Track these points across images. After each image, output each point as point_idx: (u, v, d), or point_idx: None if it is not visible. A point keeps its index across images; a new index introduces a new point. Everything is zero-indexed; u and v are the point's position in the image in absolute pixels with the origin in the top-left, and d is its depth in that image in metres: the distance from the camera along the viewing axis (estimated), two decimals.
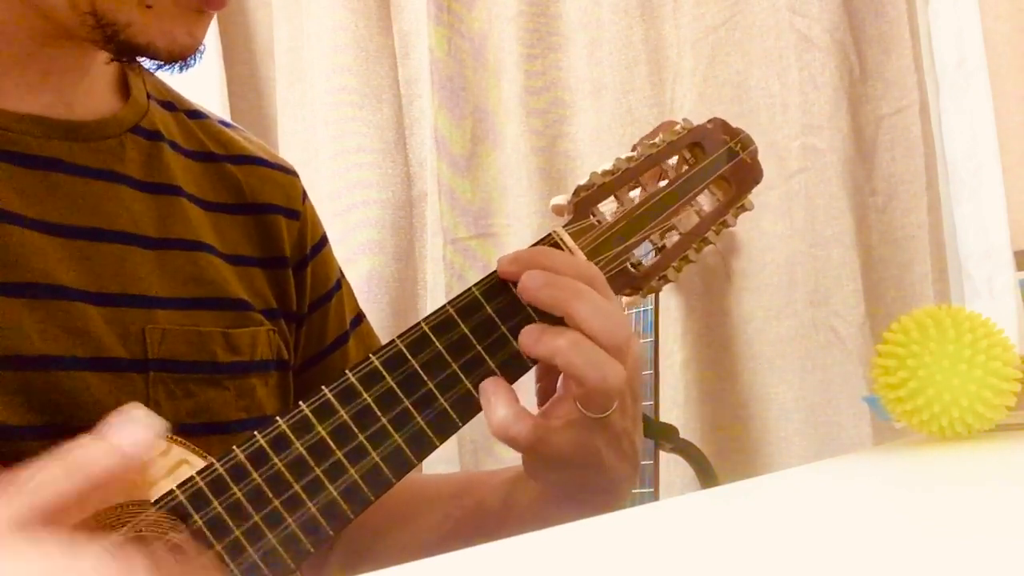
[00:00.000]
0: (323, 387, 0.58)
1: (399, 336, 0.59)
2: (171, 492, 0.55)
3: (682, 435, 1.37)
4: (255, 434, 0.56)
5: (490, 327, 0.60)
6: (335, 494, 0.57)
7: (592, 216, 0.65)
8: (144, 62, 0.63)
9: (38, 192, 0.61)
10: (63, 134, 0.63)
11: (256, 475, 0.56)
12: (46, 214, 0.61)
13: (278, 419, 0.57)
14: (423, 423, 0.58)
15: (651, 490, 1.33)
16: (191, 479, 0.55)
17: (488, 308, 0.61)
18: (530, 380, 0.64)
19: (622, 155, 0.68)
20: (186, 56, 0.62)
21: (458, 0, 1.62)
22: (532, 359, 0.60)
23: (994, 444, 0.66)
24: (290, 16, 1.72)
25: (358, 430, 0.57)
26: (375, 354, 0.59)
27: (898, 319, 0.69)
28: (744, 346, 1.47)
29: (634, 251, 0.66)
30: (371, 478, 0.57)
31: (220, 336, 0.66)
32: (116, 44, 0.60)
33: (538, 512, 0.66)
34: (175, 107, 0.73)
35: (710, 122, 0.71)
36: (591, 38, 1.55)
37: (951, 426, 0.66)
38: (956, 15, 1.35)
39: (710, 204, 0.70)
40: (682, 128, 0.70)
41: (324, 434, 0.57)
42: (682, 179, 0.68)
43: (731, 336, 1.48)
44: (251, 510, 0.55)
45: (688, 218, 0.69)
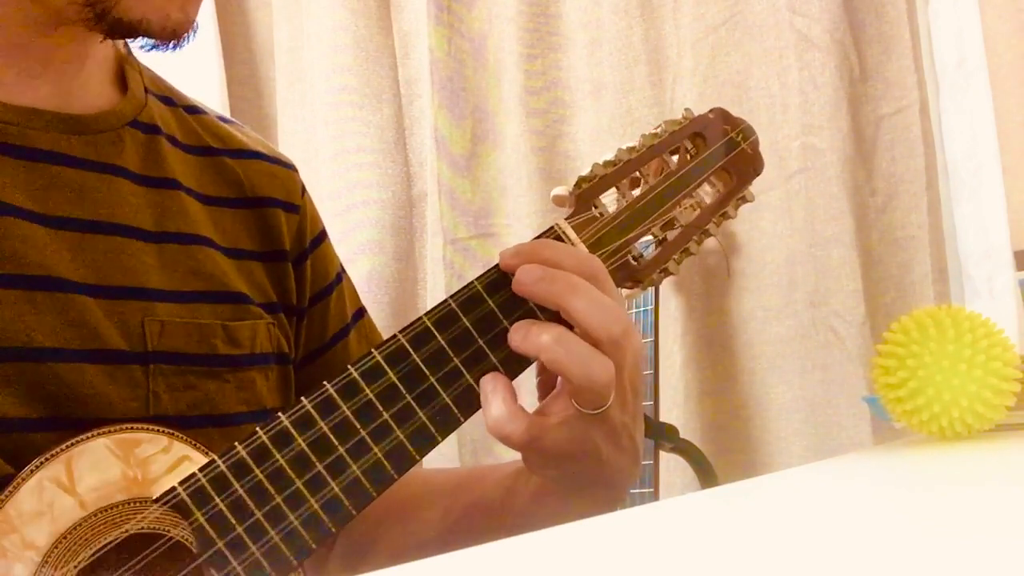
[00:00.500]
0: (325, 383, 0.58)
1: (401, 331, 0.59)
2: (173, 489, 0.55)
3: (682, 435, 1.37)
4: (257, 430, 0.56)
5: (492, 321, 0.60)
6: (337, 490, 0.57)
7: (594, 208, 0.65)
8: (137, 42, 0.63)
9: (37, 185, 0.61)
10: (62, 127, 0.63)
11: (258, 471, 0.56)
12: (45, 207, 0.61)
13: (280, 415, 0.57)
14: (425, 418, 0.58)
15: (651, 490, 1.33)
16: (193, 476, 0.55)
17: (490, 302, 0.60)
18: (531, 375, 0.64)
19: (624, 146, 0.67)
20: (180, 33, 0.62)
21: (458, 0, 1.62)
22: (521, 355, 0.60)
23: (994, 444, 0.66)
24: (290, 16, 1.72)
25: (360, 426, 0.57)
26: (377, 349, 0.59)
27: (898, 319, 0.69)
28: (744, 346, 1.47)
29: (635, 244, 0.66)
30: (373, 474, 0.57)
31: (220, 329, 0.66)
32: (108, 22, 0.60)
33: (538, 507, 0.66)
34: (173, 102, 0.73)
35: (712, 112, 0.70)
36: (591, 38, 1.54)
37: (951, 426, 0.66)
38: (956, 15, 1.35)
39: (710, 196, 0.69)
40: (684, 118, 0.69)
41: (326, 430, 0.57)
42: (684, 170, 0.68)
43: (731, 336, 1.48)
44: (253, 507, 0.55)
45: (689, 210, 0.68)
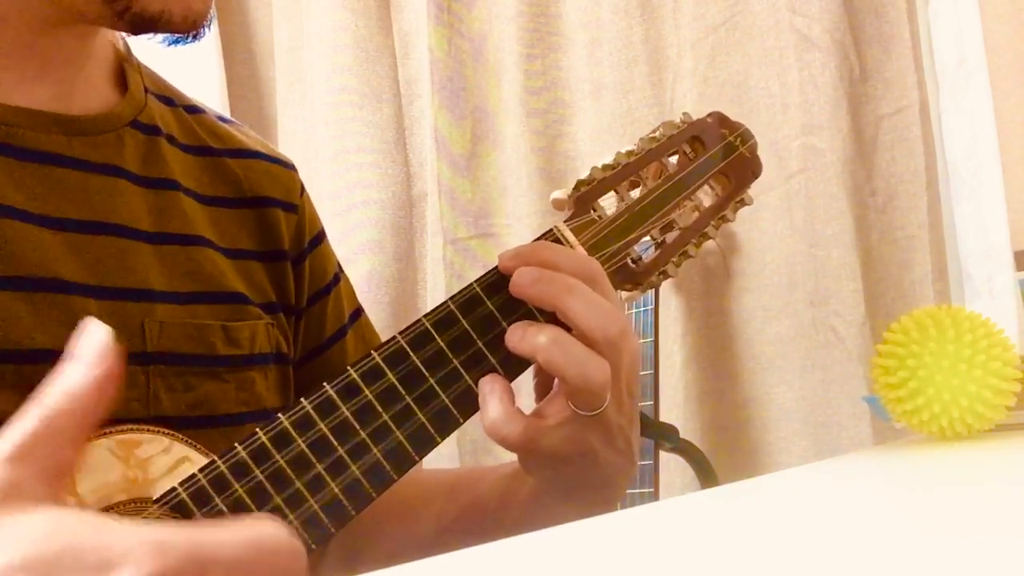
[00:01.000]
0: (324, 384, 0.58)
1: (400, 332, 0.59)
2: (173, 489, 0.55)
3: (682, 435, 1.37)
4: (257, 431, 0.56)
5: (491, 323, 0.60)
6: (337, 491, 0.57)
7: (593, 211, 0.65)
8: (157, 37, 0.63)
9: (37, 186, 0.61)
10: (62, 128, 0.63)
11: (258, 472, 0.56)
12: (45, 208, 0.60)
13: (280, 416, 0.57)
14: (424, 420, 0.58)
15: (651, 490, 1.33)
16: (193, 476, 0.55)
17: (489, 304, 0.61)
18: (530, 377, 0.64)
19: (623, 149, 0.68)
20: (200, 23, 0.62)
21: (458, 0, 1.62)
22: (519, 356, 0.60)
23: (994, 444, 0.66)
24: (290, 16, 1.72)
25: (359, 427, 0.57)
26: (376, 350, 0.59)
27: (898, 319, 0.69)
28: (744, 346, 1.47)
29: (634, 246, 0.66)
30: (373, 475, 0.57)
31: (219, 329, 0.66)
32: (130, 17, 0.59)
33: (535, 507, 0.66)
34: (173, 102, 0.73)
35: (710, 116, 0.70)
36: (591, 38, 1.54)
37: (951, 426, 0.66)
38: (956, 15, 1.35)
39: (709, 199, 0.70)
40: (682, 122, 0.70)
41: (326, 431, 0.57)
42: (682, 173, 0.68)
43: (731, 336, 1.48)
44: (253, 507, 0.55)
45: (687, 213, 0.69)
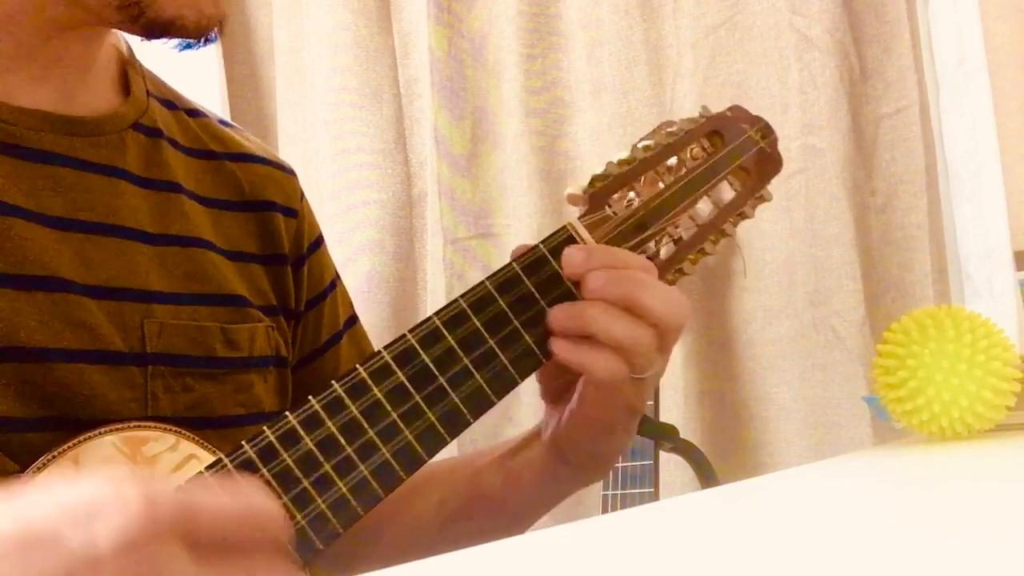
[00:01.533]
0: (333, 382, 0.58)
1: (410, 330, 0.59)
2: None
3: (682, 435, 1.37)
4: (264, 429, 0.56)
5: (503, 321, 0.61)
6: (344, 490, 0.57)
7: (608, 207, 0.64)
8: (171, 42, 0.63)
9: (39, 186, 0.61)
10: (65, 129, 0.63)
11: (265, 470, 0.56)
12: (47, 208, 0.61)
13: (287, 414, 0.57)
14: (433, 419, 0.59)
15: (651, 490, 1.33)
16: (200, 474, 0.55)
17: (501, 302, 0.61)
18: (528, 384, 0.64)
19: (640, 144, 0.66)
20: (212, 28, 0.62)
21: (458, 0, 1.62)
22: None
23: (994, 444, 0.66)
24: (290, 16, 1.72)
25: (367, 425, 0.57)
26: (386, 348, 0.59)
27: (898, 319, 0.69)
28: (744, 346, 1.47)
29: (650, 243, 0.65)
30: (381, 474, 0.57)
31: (219, 331, 0.66)
32: (144, 22, 0.60)
33: (541, 485, 0.70)
34: (175, 105, 0.73)
35: (730, 110, 0.69)
36: (591, 38, 1.54)
37: (951, 426, 0.66)
38: (956, 15, 1.35)
39: (728, 194, 0.68)
40: (701, 116, 0.68)
41: (334, 430, 0.57)
42: (700, 168, 0.66)
43: (731, 336, 1.47)
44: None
45: (704, 209, 0.68)
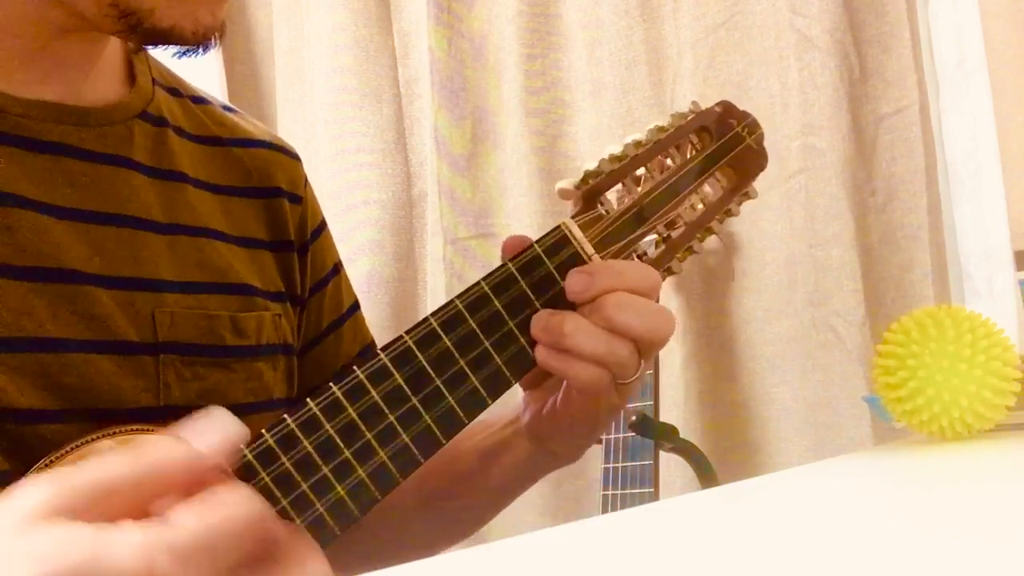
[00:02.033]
0: (331, 384, 0.58)
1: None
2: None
3: (682, 435, 1.37)
4: (263, 433, 0.56)
5: (498, 322, 0.61)
6: (342, 493, 0.56)
7: (600, 205, 0.64)
8: (163, 50, 0.63)
9: (49, 177, 0.61)
10: (72, 120, 0.63)
11: (264, 475, 0.56)
12: (57, 198, 0.61)
13: (286, 416, 0.57)
14: (432, 418, 0.59)
15: (651, 490, 1.33)
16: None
17: (497, 303, 0.61)
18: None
19: (630, 139, 0.66)
20: (210, 37, 0.62)
21: (458, 0, 1.62)
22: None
23: (994, 444, 0.66)
24: (290, 16, 1.72)
25: (365, 429, 0.57)
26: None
27: (898, 319, 0.68)
28: (744, 346, 1.47)
29: (641, 242, 0.65)
30: (377, 476, 0.57)
31: (228, 320, 0.66)
32: (142, 32, 0.60)
33: (520, 469, 0.71)
34: (180, 93, 0.73)
35: (718, 105, 0.69)
36: (591, 38, 1.54)
37: (951, 426, 0.66)
38: (956, 15, 1.35)
39: (714, 191, 0.68)
40: (690, 112, 0.68)
41: (332, 432, 0.57)
42: (689, 166, 0.67)
43: (731, 336, 1.48)
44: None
45: (692, 206, 0.68)
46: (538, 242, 0.63)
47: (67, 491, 0.41)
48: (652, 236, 0.66)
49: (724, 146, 0.68)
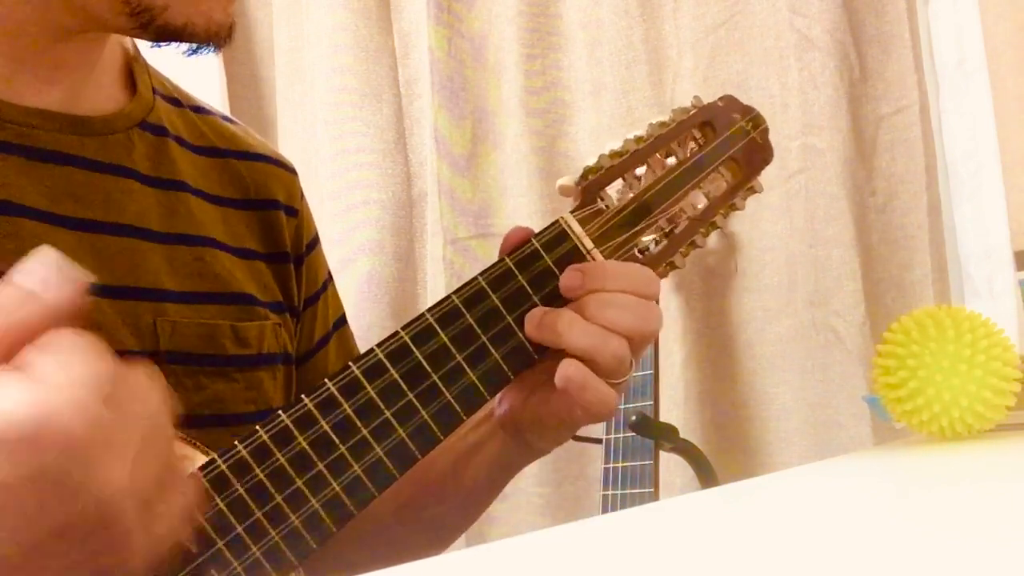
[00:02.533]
0: (326, 380, 0.58)
1: (404, 327, 0.59)
2: None
3: (682, 435, 1.37)
4: (257, 428, 0.56)
5: (496, 317, 0.61)
6: (337, 489, 0.57)
7: (600, 200, 0.64)
8: (181, 47, 0.63)
9: (49, 185, 0.61)
10: (73, 128, 0.63)
11: (259, 471, 0.56)
12: (57, 207, 0.61)
13: (280, 412, 0.57)
14: (427, 417, 0.59)
15: (651, 490, 1.33)
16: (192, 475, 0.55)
17: (494, 298, 0.61)
18: None
19: (631, 135, 0.66)
20: (223, 34, 0.62)
21: (458, 0, 1.62)
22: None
23: (994, 444, 0.66)
24: (290, 16, 1.72)
25: (361, 424, 0.57)
26: (379, 346, 0.59)
27: (898, 319, 0.68)
28: (744, 346, 1.47)
29: (642, 237, 0.65)
30: (373, 473, 0.57)
31: (229, 329, 0.66)
32: (154, 29, 0.60)
33: (494, 469, 0.71)
34: (180, 103, 0.73)
35: (721, 100, 0.68)
36: (591, 38, 1.54)
37: (951, 426, 0.66)
38: (956, 15, 1.35)
39: (718, 186, 0.67)
40: (693, 106, 0.68)
41: (327, 428, 0.57)
42: (692, 160, 0.66)
43: (731, 336, 1.48)
44: (254, 506, 0.55)
45: (695, 201, 0.67)
46: (536, 236, 0.62)
47: None
48: (653, 233, 0.66)
49: (727, 140, 0.67)
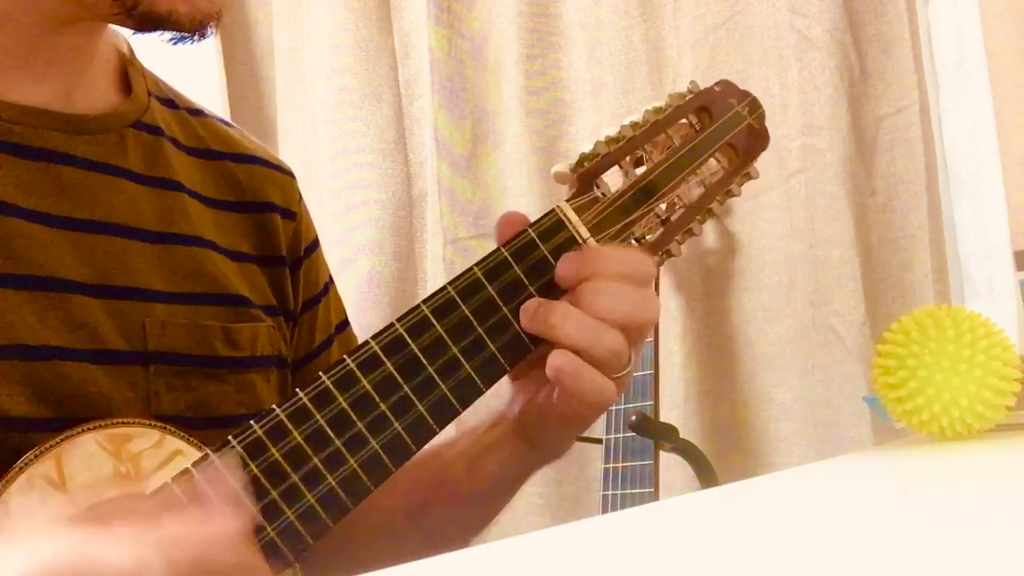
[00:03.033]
0: (321, 373, 0.58)
1: (398, 319, 0.59)
2: (166, 484, 0.55)
3: (682, 435, 1.37)
4: (251, 424, 0.56)
5: (493, 308, 0.61)
6: (333, 483, 0.56)
7: (596, 188, 0.63)
8: (165, 36, 0.63)
9: (39, 184, 0.61)
10: (64, 127, 0.63)
11: (253, 466, 0.55)
12: (47, 206, 0.61)
13: (275, 407, 0.57)
14: (423, 410, 0.59)
15: (651, 490, 1.33)
16: (186, 471, 0.55)
17: (490, 289, 0.61)
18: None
19: (627, 121, 0.65)
20: (207, 23, 0.62)
21: (458, 0, 1.62)
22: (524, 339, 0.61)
23: (994, 444, 0.66)
24: (290, 16, 1.72)
25: (356, 418, 0.57)
26: (375, 338, 0.59)
27: (898, 319, 0.69)
28: (744, 346, 1.47)
29: (638, 225, 0.65)
30: (370, 467, 0.57)
31: (220, 331, 0.66)
32: (137, 16, 0.60)
33: (505, 471, 0.69)
34: (176, 105, 0.73)
35: (717, 84, 0.68)
36: (591, 38, 1.54)
37: (951, 426, 0.66)
38: (956, 15, 1.35)
39: (714, 172, 0.67)
40: (689, 91, 0.67)
41: (322, 423, 0.57)
42: (687, 147, 0.65)
43: (731, 336, 1.47)
44: (248, 502, 0.55)
45: (692, 188, 0.67)
46: (532, 226, 0.62)
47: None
48: (650, 220, 0.65)
49: (724, 126, 0.67)
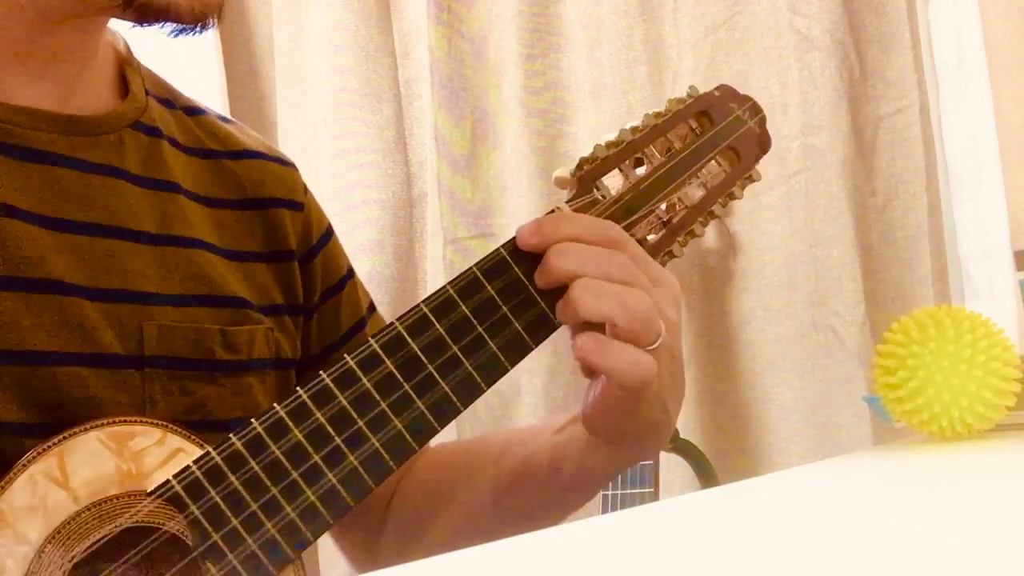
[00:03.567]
0: (321, 372, 0.58)
1: (398, 318, 0.59)
2: (167, 482, 0.55)
3: (682, 435, 1.37)
4: (252, 421, 0.56)
5: (492, 307, 0.61)
6: (334, 481, 0.56)
7: (596, 190, 0.64)
8: (165, 28, 0.62)
9: (36, 186, 0.60)
10: (62, 128, 0.63)
11: (254, 463, 0.55)
12: (44, 208, 0.60)
13: (275, 405, 0.57)
14: (423, 408, 0.59)
15: (651, 490, 1.33)
16: (187, 468, 0.55)
17: (490, 288, 0.61)
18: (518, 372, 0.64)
19: (627, 125, 0.66)
20: (207, 16, 0.61)
21: (458, 0, 1.62)
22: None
23: (994, 444, 0.66)
24: (290, 16, 1.72)
25: (356, 416, 0.57)
26: (374, 337, 0.59)
27: (898, 319, 0.69)
28: (744, 346, 1.47)
29: (639, 227, 0.65)
30: (370, 465, 0.57)
31: (217, 334, 0.66)
32: (137, 8, 0.60)
33: (586, 460, 0.67)
34: (173, 104, 0.72)
35: (717, 89, 0.68)
36: (591, 38, 1.54)
37: (951, 426, 0.66)
38: (956, 15, 1.35)
39: (716, 175, 0.68)
40: (688, 96, 0.68)
41: (322, 420, 0.57)
42: (688, 150, 0.66)
43: (731, 336, 1.47)
44: (249, 499, 0.55)
45: (693, 191, 0.67)
46: None
47: None
48: (650, 223, 0.66)
49: (724, 130, 0.67)
